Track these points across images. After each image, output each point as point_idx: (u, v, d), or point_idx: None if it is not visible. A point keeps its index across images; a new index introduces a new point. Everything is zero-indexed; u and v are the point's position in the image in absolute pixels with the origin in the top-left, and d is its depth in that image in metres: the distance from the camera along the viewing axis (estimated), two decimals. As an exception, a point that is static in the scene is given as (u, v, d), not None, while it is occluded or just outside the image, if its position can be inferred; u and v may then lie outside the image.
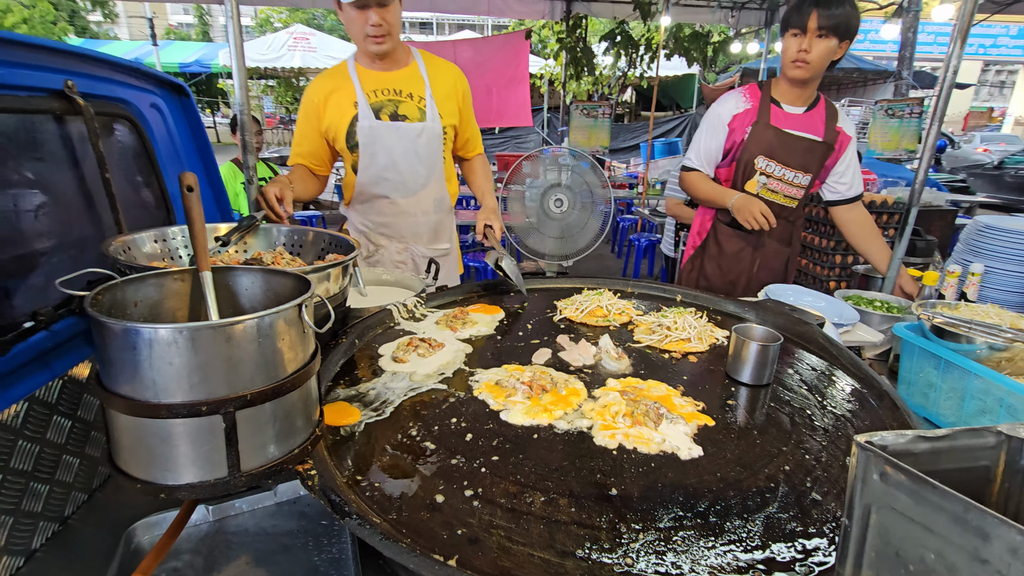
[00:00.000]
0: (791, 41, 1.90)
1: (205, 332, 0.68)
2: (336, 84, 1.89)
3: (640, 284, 1.78)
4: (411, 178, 1.96)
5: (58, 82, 1.02)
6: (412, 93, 1.91)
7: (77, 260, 1.08)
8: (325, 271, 1.10)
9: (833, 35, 1.84)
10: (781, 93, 2.06)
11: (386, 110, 1.89)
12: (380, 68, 1.90)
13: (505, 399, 1.09)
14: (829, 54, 1.87)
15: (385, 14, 1.73)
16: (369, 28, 1.74)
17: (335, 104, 1.88)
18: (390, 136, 1.89)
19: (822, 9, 1.80)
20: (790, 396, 1.14)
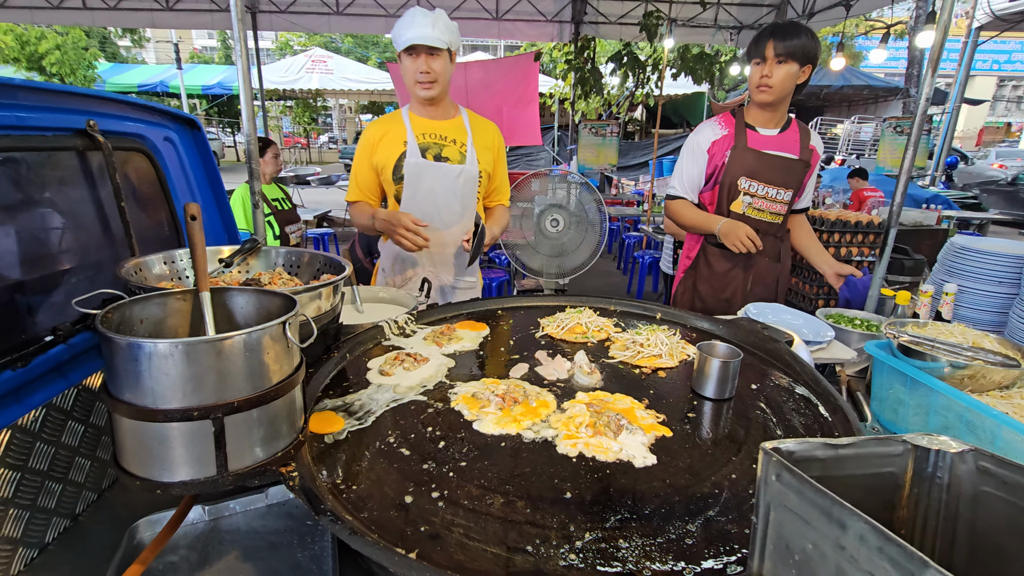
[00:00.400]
0: (754, 69, 2.08)
1: (197, 346, 0.78)
2: (391, 126, 2.14)
3: (623, 302, 1.85)
4: (447, 212, 2.16)
5: (81, 122, 1.14)
6: (456, 139, 2.15)
7: (94, 280, 1.19)
8: (315, 291, 1.20)
9: (792, 60, 2.01)
10: (754, 118, 2.20)
11: (431, 151, 2.11)
12: (429, 116, 2.14)
13: (479, 410, 1.17)
14: (790, 78, 2.03)
15: (432, 62, 1.97)
16: (419, 74, 1.99)
17: (387, 142, 2.12)
18: (432, 173, 2.10)
19: (777, 39, 1.99)
20: (749, 410, 1.21)
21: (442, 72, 2.01)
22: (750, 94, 2.15)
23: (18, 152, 1.02)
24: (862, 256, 3.04)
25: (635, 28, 9.93)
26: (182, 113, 1.48)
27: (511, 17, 10.24)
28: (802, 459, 0.69)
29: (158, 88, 19.40)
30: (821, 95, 18.12)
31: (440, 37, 1.94)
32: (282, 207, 3.96)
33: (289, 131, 26.85)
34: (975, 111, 22.53)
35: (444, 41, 1.95)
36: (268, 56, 25.90)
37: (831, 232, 3.05)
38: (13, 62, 17.40)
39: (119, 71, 20.45)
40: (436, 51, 1.96)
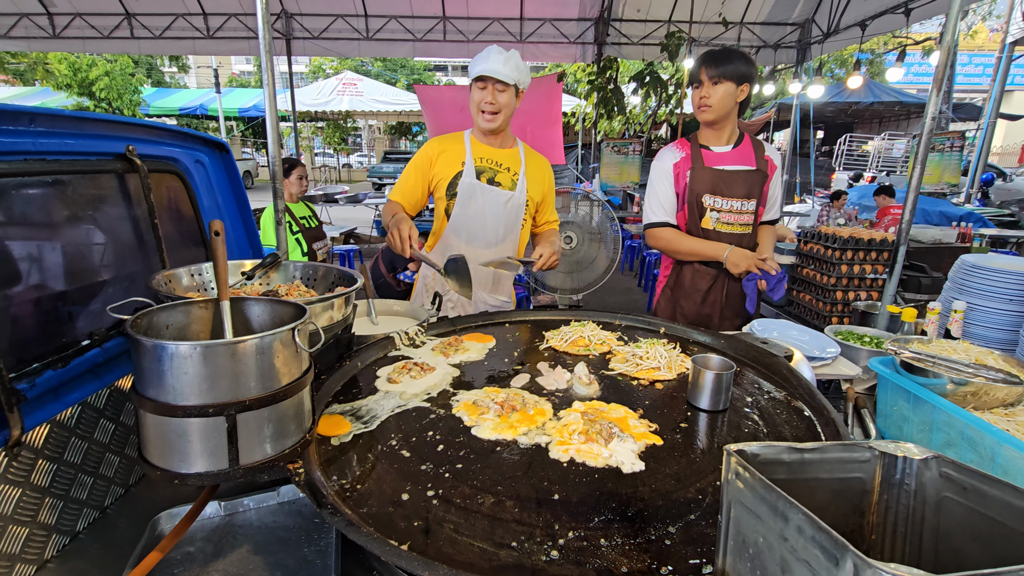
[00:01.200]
0: (694, 93, 2.23)
1: (214, 348, 0.86)
2: (452, 145, 2.27)
3: (628, 317, 1.90)
4: (491, 233, 2.28)
5: (121, 147, 1.26)
6: (510, 168, 2.28)
7: (129, 290, 1.30)
8: (326, 301, 1.28)
9: (726, 80, 2.13)
10: (707, 138, 2.32)
11: (486, 175, 2.24)
12: (489, 143, 2.28)
13: (478, 416, 1.23)
14: (728, 96, 2.15)
15: (499, 95, 2.12)
16: (484, 104, 2.12)
17: (446, 159, 2.25)
18: (484, 195, 2.23)
19: (708, 64, 2.14)
20: (742, 422, 1.24)
21: (506, 105, 2.14)
22: (696, 115, 2.28)
23: (65, 175, 1.14)
24: (876, 274, 3.00)
25: (657, 48, 10.04)
26: (212, 137, 1.60)
27: (535, 39, 10.48)
28: (767, 462, 0.73)
29: (197, 111, 20.35)
30: (850, 111, 17.85)
31: (509, 74, 2.08)
32: (309, 224, 4.13)
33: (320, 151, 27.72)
34: (1015, 127, 21.81)
35: (513, 78, 2.09)
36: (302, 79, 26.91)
37: (844, 249, 3.02)
38: (66, 88, 18.51)
39: (162, 95, 21.55)
40: (504, 85, 2.10)
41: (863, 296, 3.01)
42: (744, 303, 2.28)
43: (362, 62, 27.11)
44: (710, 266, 2.27)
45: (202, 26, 10.21)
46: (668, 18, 10.18)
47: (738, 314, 2.29)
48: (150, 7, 9.90)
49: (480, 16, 10.07)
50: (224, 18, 10.07)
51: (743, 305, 2.29)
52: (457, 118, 7.97)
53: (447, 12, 10.02)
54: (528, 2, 9.88)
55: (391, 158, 24.21)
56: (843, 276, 3.00)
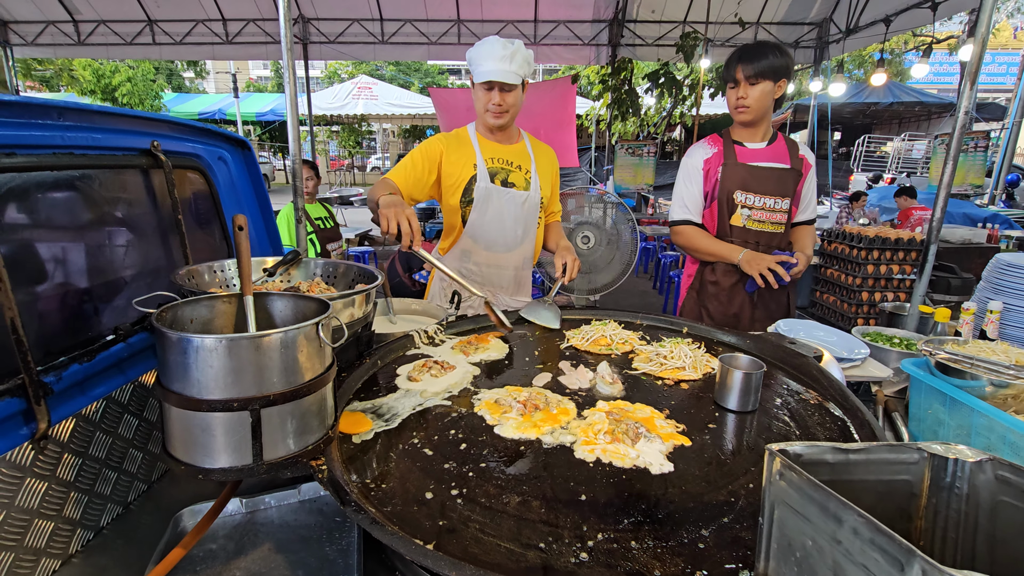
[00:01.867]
0: (730, 92, 2.17)
1: (238, 342, 0.85)
2: (457, 144, 2.19)
3: (649, 316, 1.86)
4: (511, 237, 2.23)
5: (146, 143, 1.27)
6: (521, 165, 2.21)
7: (153, 284, 1.31)
8: (348, 297, 1.27)
9: (764, 79, 2.06)
10: (740, 135, 2.27)
11: (499, 176, 2.18)
12: (496, 140, 2.21)
13: (501, 415, 1.21)
14: (766, 95, 2.09)
15: (506, 97, 2.04)
16: (491, 105, 2.05)
17: (456, 159, 2.17)
18: (501, 198, 2.18)
19: (745, 62, 2.06)
20: (772, 423, 1.20)
21: (514, 104, 2.08)
22: (732, 115, 2.23)
23: (92, 170, 1.14)
24: (903, 274, 2.92)
25: (672, 49, 9.97)
26: (234, 135, 1.61)
27: (549, 41, 10.47)
28: (810, 462, 0.70)
29: (216, 115, 20.68)
30: (868, 112, 17.58)
31: (516, 72, 1.99)
32: (325, 225, 4.15)
33: (335, 154, 27.99)
34: (1039, 126, 21.26)
35: (519, 75, 2.01)
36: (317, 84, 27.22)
37: (870, 249, 2.95)
38: (90, 94, 18.93)
39: (182, 100, 21.92)
40: (511, 86, 2.02)
41: (890, 297, 2.93)
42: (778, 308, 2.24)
43: (377, 66, 27.34)
44: (736, 265, 2.23)
45: (221, 31, 10.37)
46: (683, 19, 10.11)
47: (770, 316, 2.24)
48: (171, 13, 10.08)
49: (494, 19, 10.09)
50: (243, 24, 10.22)
51: (775, 307, 2.25)
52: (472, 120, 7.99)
53: (461, 15, 10.06)
54: (542, 4, 9.88)
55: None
56: (869, 276, 2.93)
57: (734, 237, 2.23)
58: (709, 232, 2.31)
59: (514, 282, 2.35)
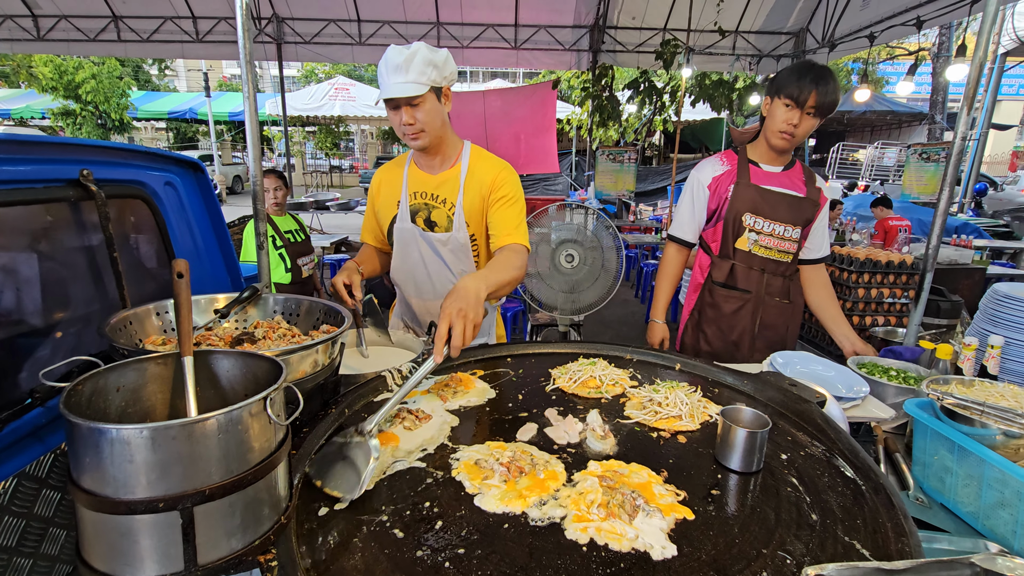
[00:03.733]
0: (782, 110, 1.95)
1: (164, 432, 0.70)
2: (391, 176, 2.02)
3: (639, 351, 1.75)
4: (439, 283, 2.02)
5: (75, 172, 1.10)
6: (446, 199, 1.94)
7: (82, 335, 1.14)
8: (310, 348, 1.13)
9: (820, 115, 1.93)
10: (759, 155, 2.14)
11: (421, 214, 1.97)
12: (425, 168, 1.97)
13: (482, 481, 1.08)
14: (812, 130, 1.97)
15: (415, 112, 1.76)
16: (403, 127, 1.80)
17: (385, 196, 2.01)
18: (420, 241, 1.97)
19: (820, 89, 1.86)
20: (779, 486, 1.09)
21: (428, 120, 1.78)
22: (767, 134, 2.07)
23: (4, 207, 0.98)
24: (894, 298, 2.89)
25: (652, 56, 9.98)
26: (185, 156, 1.45)
27: (529, 46, 10.39)
28: (851, 589, 0.59)
29: (187, 115, 20.11)
30: (843, 120, 17.95)
31: (417, 81, 1.69)
32: (295, 239, 3.96)
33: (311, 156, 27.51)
34: (1003, 136, 22.05)
35: (423, 84, 1.71)
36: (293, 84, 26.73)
37: (860, 272, 2.91)
38: (51, 91, 18.18)
39: (151, 99, 21.28)
40: (414, 99, 1.72)
41: (880, 321, 2.89)
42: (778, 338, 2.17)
43: (355, 67, 26.96)
44: (737, 288, 2.14)
45: (191, 29, 10.02)
46: (663, 26, 10.14)
47: (770, 346, 2.15)
48: (137, 10, 9.70)
49: (474, 22, 9.97)
50: (213, 22, 9.89)
51: (775, 336, 2.17)
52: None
53: (441, 18, 9.91)
54: (523, 9, 9.79)
55: (383, 163, 24.01)
56: (860, 300, 2.89)
57: (738, 261, 2.15)
58: (712, 252, 2.23)
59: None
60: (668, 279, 2.30)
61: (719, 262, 2.21)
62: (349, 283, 1.73)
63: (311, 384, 1.18)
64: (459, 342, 1.28)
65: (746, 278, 2.17)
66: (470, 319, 1.30)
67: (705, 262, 2.29)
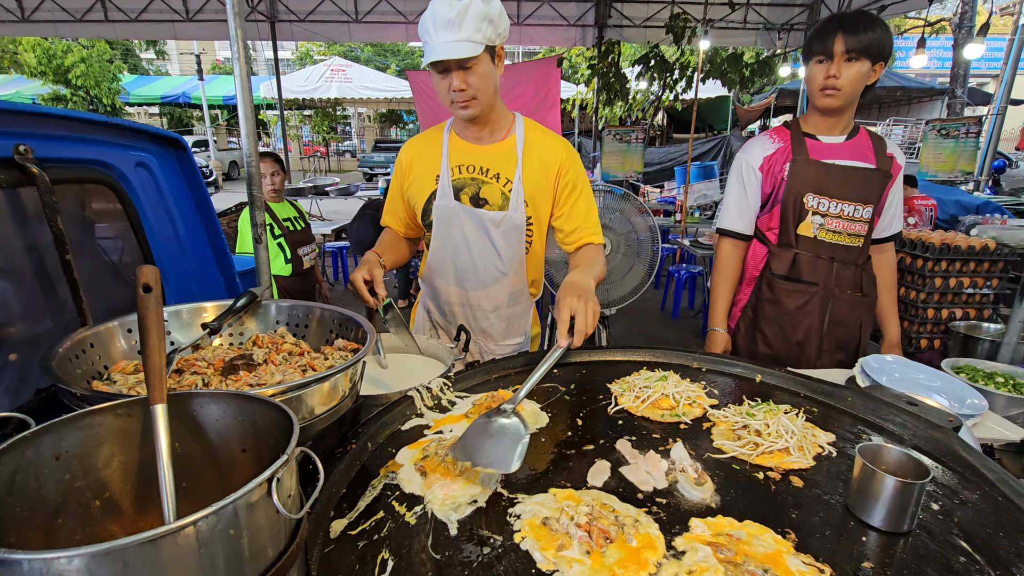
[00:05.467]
0: (817, 68, 1.74)
1: (110, 559, 0.44)
2: (425, 149, 1.74)
3: (707, 358, 1.49)
4: (484, 270, 1.75)
5: (7, 148, 0.82)
6: (499, 174, 1.68)
7: (27, 364, 0.87)
8: (326, 379, 0.86)
9: (864, 57, 1.67)
10: (814, 126, 1.87)
11: (468, 190, 1.69)
12: (472, 139, 1.71)
13: (556, 552, 0.82)
14: (861, 78, 1.70)
15: (468, 76, 1.51)
16: (453, 93, 1.54)
17: (420, 172, 1.74)
18: (466, 221, 1.69)
19: (848, 32, 1.64)
20: (947, 554, 0.83)
21: (482, 85, 1.54)
22: (811, 98, 1.82)
23: None
24: (975, 288, 2.61)
25: (661, 31, 9.57)
26: (162, 132, 1.16)
27: (532, 22, 9.98)
28: None
29: (180, 99, 19.63)
30: (852, 97, 17.49)
31: (471, 39, 1.44)
32: (294, 227, 3.67)
33: (309, 139, 27.01)
34: (1016, 112, 21.56)
35: (478, 43, 1.46)
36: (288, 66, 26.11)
37: (937, 260, 2.61)
38: (40, 75, 17.69)
39: (142, 83, 20.78)
40: (469, 61, 1.48)
41: (958, 314, 2.62)
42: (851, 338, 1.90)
43: (351, 48, 26.33)
44: (802, 280, 1.87)
45: (181, 8, 9.61)
46: (672, -1, 9.71)
47: (840, 347, 1.89)
48: (124, -13, 9.27)
49: (476, -4, 9.53)
50: (204, 0, 9.46)
51: (847, 336, 1.90)
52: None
53: (441, -8, 9.48)
54: (527, -18, 9.37)
55: (382, 147, 23.61)
56: (936, 291, 2.61)
57: (801, 249, 1.87)
58: (770, 242, 1.95)
59: (503, 324, 1.86)
60: (726, 281, 2.02)
61: (779, 252, 1.94)
62: (371, 279, 1.46)
63: (327, 423, 0.92)
64: (583, 326, 1.29)
65: (812, 269, 1.89)
66: (591, 306, 1.31)
67: (761, 252, 2.02)
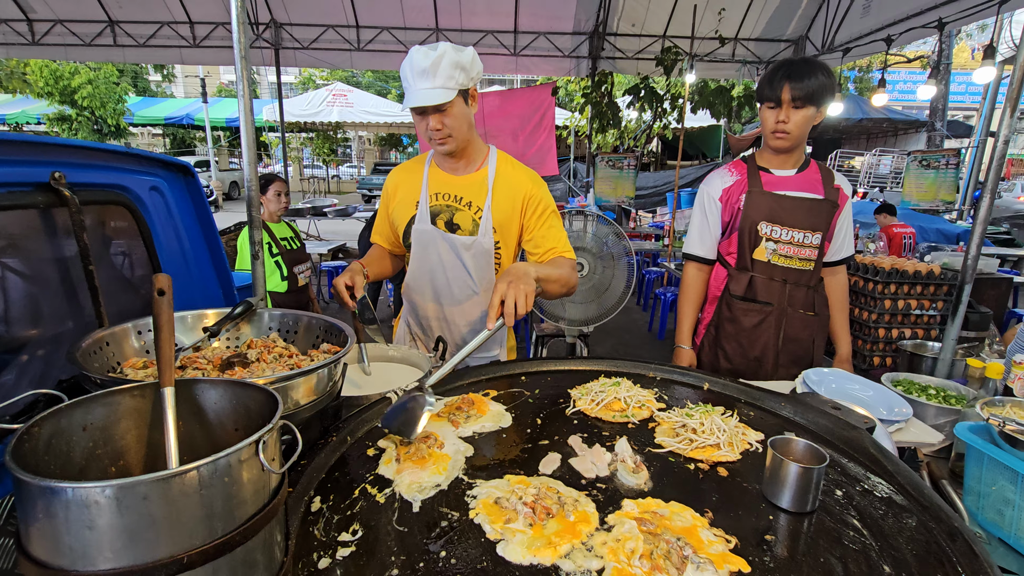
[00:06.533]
0: (768, 113, 1.92)
1: (134, 489, 0.58)
2: (408, 176, 1.92)
3: (663, 369, 1.63)
4: (458, 288, 1.92)
5: (45, 175, 0.98)
6: (471, 202, 1.86)
7: (51, 359, 1.01)
8: (308, 375, 1.00)
9: (809, 104, 1.84)
10: (767, 161, 2.05)
11: (443, 216, 1.87)
12: (449, 169, 1.89)
13: (503, 525, 0.95)
14: (808, 121, 1.87)
15: (443, 118, 1.70)
16: (430, 132, 1.73)
17: (402, 196, 1.91)
18: (441, 244, 1.86)
19: (794, 82, 1.81)
20: (840, 530, 0.97)
21: (457, 125, 1.72)
22: (764, 139, 2.01)
23: (-42, 214, 0.86)
24: (921, 309, 2.78)
25: (652, 63, 9.94)
26: (173, 160, 1.33)
27: (529, 53, 10.33)
28: None
29: (184, 120, 20.01)
30: (840, 128, 17.96)
31: (445, 86, 1.62)
32: (291, 246, 3.83)
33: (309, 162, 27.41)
34: (999, 144, 22.14)
35: (450, 89, 1.63)
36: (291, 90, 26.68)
37: (887, 283, 2.79)
38: (47, 96, 18.05)
39: (147, 104, 21.18)
40: (443, 105, 1.66)
41: (907, 334, 2.78)
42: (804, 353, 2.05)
43: (353, 73, 26.95)
44: (757, 300, 2.02)
45: (188, 35, 9.91)
46: (663, 33, 10.10)
47: (795, 361, 2.03)
48: (134, 15, 9.59)
49: (473, 28, 9.90)
50: (211, 27, 9.79)
51: (801, 352, 2.05)
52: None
53: (440, 24, 9.83)
54: (523, 15, 9.74)
55: (381, 170, 23.98)
56: (885, 312, 2.77)
57: (757, 272, 2.03)
58: (729, 265, 2.12)
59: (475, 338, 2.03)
60: (690, 301, 2.18)
61: (737, 275, 2.10)
62: (352, 284, 1.61)
63: (310, 413, 1.06)
64: (511, 309, 1.33)
65: (767, 290, 2.05)
66: (522, 289, 1.34)
67: (722, 275, 2.18)
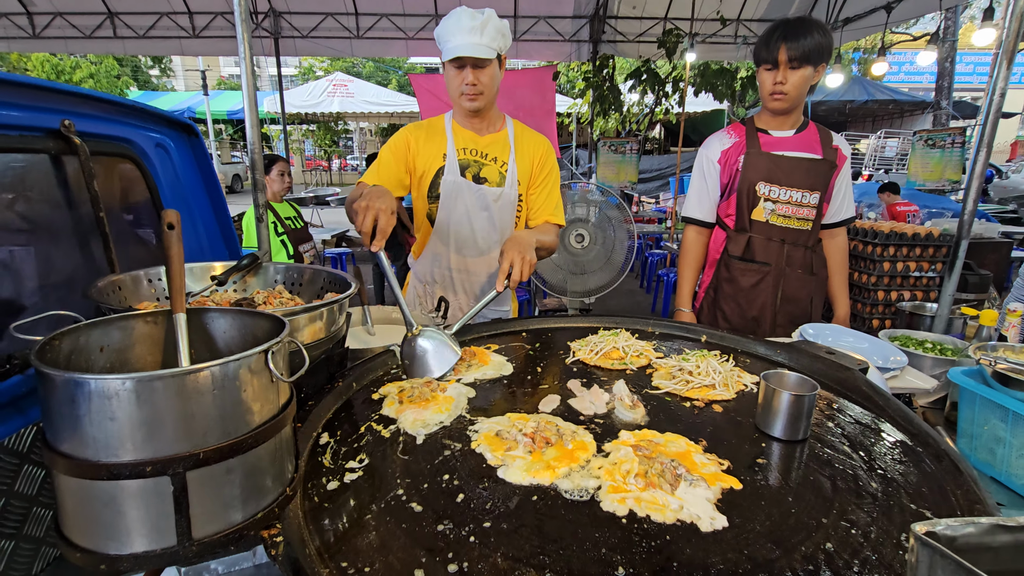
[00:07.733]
0: (766, 75, 1.93)
1: (151, 383, 0.61)
2: (430, 133, 1.97)
3: (662, 323, 1.66)
4: (482, 238, 1.99)
5: (55, 121, 1.01)
6: (497, 157, 1.97)
7: (65, 301, 1.05)
8: (312, 311, 1.04)
9: (806, 64, 1.85)
10: (765, 122, 2.06)
11: (471, 169, 1.95)
12: (473, 128, 1.97)
13: (504, 453, 0.98)
14: (805, 82, 1.88)
15: (480, 75, 1.79)
16: (464, 87, 1.81)
17: (427, 149, 1.95)
18: (470, 195, 1.94)
19: (790, 41, 1.82)
20: (830, 454, 1.00)
21: (490, 83, 1.83)
22: (763, 101, 2.02)
23: (-26, 153, 0.89)
24: (920, 272, 2.78)
25: (654, 45, 9.86)
26: (178, 117, 1.36)
27: (529, 37, 10.26)
28: (968, 548, 0.50)
29: (185, 113, 19.98)
30: (845, 110, 17.79)
31: (489, 44, 1.74)
32: (294, 225, 3.86)
33: (311, 153, 27.41)
34: (1005, 125, 21.90)
35: (493, 48, 1.76)
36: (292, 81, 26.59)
37: (885, 245, 2.80)
38: (49, 91, 18.08)
39: (148, 98, 21.16)
40: (484, 62, 1.77)
41: (906, 296, 2.79)
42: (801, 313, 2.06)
43: (353, 63, 26.83)
44: (755, 261, 2.04)
45: (188, 25, 9.90)
46: (664, 15, 10.01)
47: (792, 321, 2.05)
48: (133, 6, 9.58)
49: (473, 13, 9.83)
50: (210, 17, 9.77)
51: (798, 311, 2.07)
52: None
53: (439, 10, 9.78)
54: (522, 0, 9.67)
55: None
56: (885, 274, 2.78)
57: (755, 233, 2.04)
58: (728, 227, 2.13)
59: (491, 289, 2.07)
60: (690, 264, 2.20)
61: (735, 235, 2.11)
62: (381, 225, 1.34)
63: (316, 352, 1.09)
64: (517, 276, 1.46)
65: (764, 250, 2.07)
66: (527, 258, 1.48)
67: (721, 237, 2.20)
